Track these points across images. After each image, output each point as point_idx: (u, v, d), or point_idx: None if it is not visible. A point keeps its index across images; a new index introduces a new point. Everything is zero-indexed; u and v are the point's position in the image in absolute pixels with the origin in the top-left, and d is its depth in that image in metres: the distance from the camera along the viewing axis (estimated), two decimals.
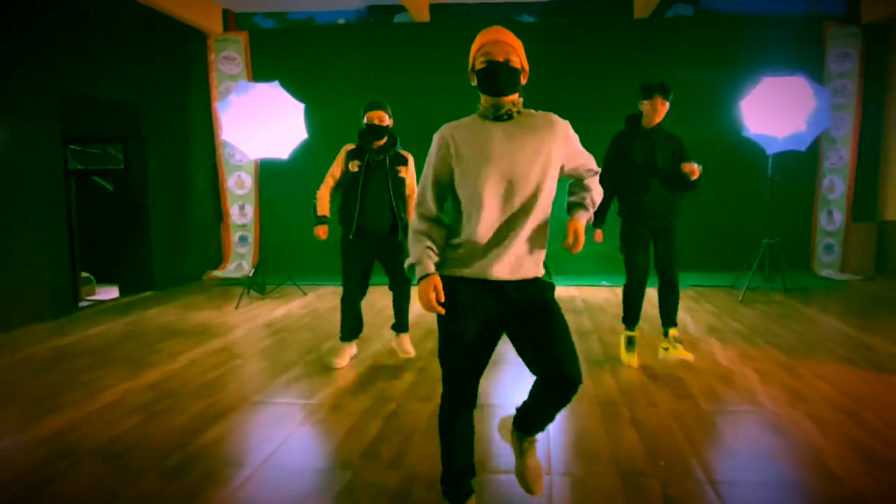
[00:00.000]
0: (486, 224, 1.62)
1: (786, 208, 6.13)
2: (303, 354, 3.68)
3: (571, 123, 1.75)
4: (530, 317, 1.67)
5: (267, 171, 6.66)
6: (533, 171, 1.63)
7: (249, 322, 4.58)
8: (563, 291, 5.52)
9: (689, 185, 3.26)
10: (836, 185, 6.43)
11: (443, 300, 1.63)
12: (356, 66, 6.79)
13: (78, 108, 5.33)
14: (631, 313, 3.37)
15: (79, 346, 3.94)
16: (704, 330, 4.15)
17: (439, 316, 1.66)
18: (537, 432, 1.83)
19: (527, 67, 1.72)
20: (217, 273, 6.70)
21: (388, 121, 3.34)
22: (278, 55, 6.86)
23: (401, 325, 3.58)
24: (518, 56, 1.67)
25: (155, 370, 3.41)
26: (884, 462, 2.20)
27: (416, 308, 4.71)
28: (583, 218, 1.77)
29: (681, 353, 3.35)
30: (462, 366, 1.68)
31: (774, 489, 2.03)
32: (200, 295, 5.72)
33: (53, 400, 2.92)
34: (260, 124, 5.19)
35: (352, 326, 3.48)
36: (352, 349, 3.56)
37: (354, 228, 3.34)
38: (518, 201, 1.63)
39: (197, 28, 6.62)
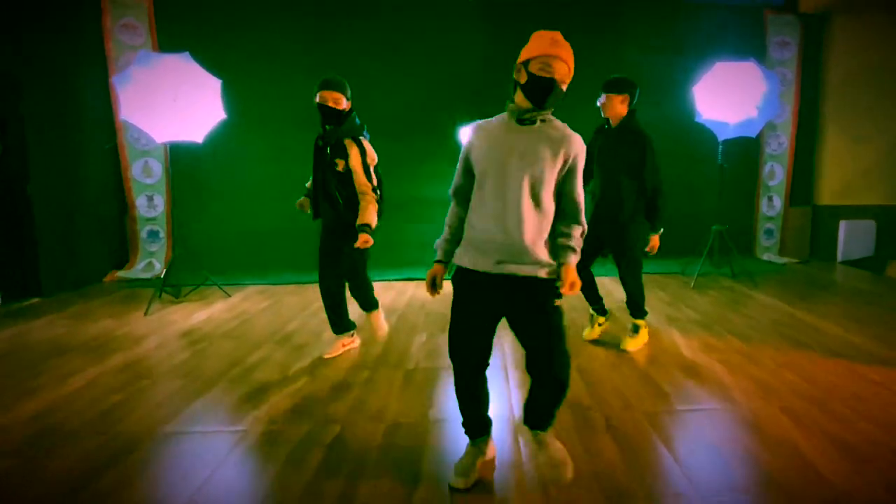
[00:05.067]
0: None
1: (731, 194, 6.22)
2: (226, 369, 3.14)
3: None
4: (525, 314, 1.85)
5: (179, 157, 5.88)
6: (536, 174, 1.76)
7: (161, 331, 3.93)
8: None
9: (654, 220, 3.22)
10: (776, 171, 6.63)
11: None
12: (278, 39, 6.14)
13: None
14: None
15: None
16: (664, 320, 4.02)
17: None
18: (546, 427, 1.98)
19: (568, 82, 1.80)
20: (122, 273, 5.86)
21: (344, 104, 2.94)
22: (190, 24, 6.06)
23: (367, 303, 3.32)
24: (569, 77, 1.78)
25: (35, 399, 2.76)
26: (865, 458, 2.09)
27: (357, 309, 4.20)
28: (573, 261, 1.81)
29: (627, 344, 3.39)
30: None
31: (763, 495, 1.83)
32: (100, 300, 4.93)
33: None
34: (168, 102, 4.47)
35: (332, 318, 3.25)
36: (345, 341, 3.34)
37: (311, 212, 3.15)
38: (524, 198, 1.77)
39: None
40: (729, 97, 4.74)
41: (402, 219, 6.20)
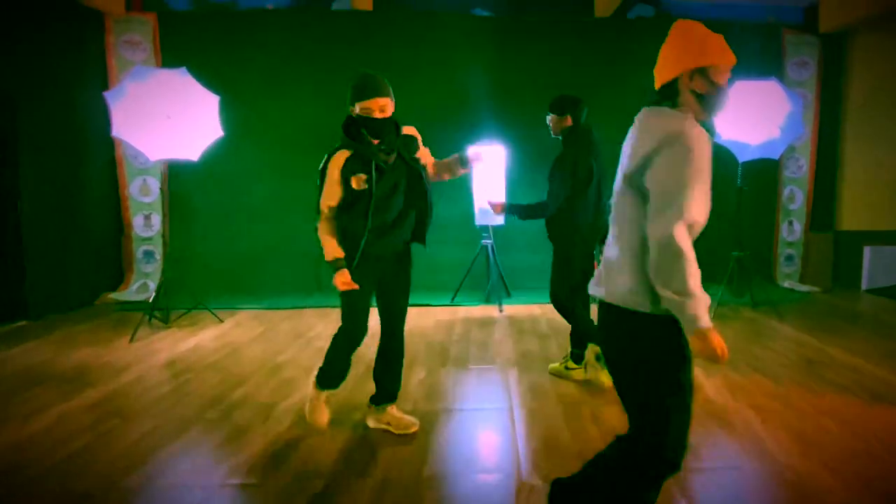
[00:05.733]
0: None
1: (750, 218, 5.94)
2: (205, 408, 2.88)
3: (524, 124, 1.63)
4: None
5: (177, 175, 5.73)
6: None
7: (144, 361, 3.69)
8: (522, 310, 4.97)
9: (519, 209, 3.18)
10: (795, 194, 6.34)
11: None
12: (284, 58, 6.01)
13: None
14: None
15: None
16: None
17: (664, 361, 1.44)
18: None
19: None
20: (115, 295, 5.65)
21: (391, 108, 2.29)
22: (194, 42, 5.95)
23: (391, 391, 2.59)
24: None
25: None
26: None
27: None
28: None
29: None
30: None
31: None
32: (88, 324, 4.71)
33: None
34: (161, 118, 4.31)
35: (339, 373, 2.54)
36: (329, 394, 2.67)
37: (359, 256, 2.36)
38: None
39: (92, 7, 5.61)
40: (750, 117, 4.48)
41: None
